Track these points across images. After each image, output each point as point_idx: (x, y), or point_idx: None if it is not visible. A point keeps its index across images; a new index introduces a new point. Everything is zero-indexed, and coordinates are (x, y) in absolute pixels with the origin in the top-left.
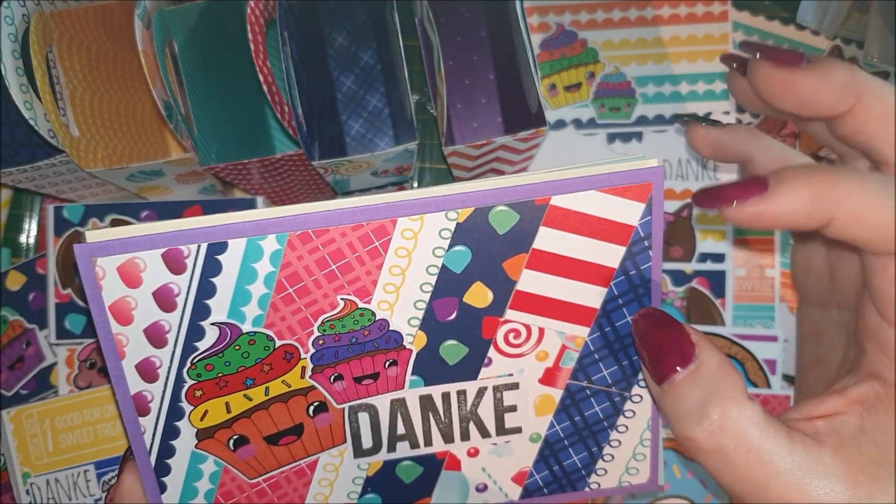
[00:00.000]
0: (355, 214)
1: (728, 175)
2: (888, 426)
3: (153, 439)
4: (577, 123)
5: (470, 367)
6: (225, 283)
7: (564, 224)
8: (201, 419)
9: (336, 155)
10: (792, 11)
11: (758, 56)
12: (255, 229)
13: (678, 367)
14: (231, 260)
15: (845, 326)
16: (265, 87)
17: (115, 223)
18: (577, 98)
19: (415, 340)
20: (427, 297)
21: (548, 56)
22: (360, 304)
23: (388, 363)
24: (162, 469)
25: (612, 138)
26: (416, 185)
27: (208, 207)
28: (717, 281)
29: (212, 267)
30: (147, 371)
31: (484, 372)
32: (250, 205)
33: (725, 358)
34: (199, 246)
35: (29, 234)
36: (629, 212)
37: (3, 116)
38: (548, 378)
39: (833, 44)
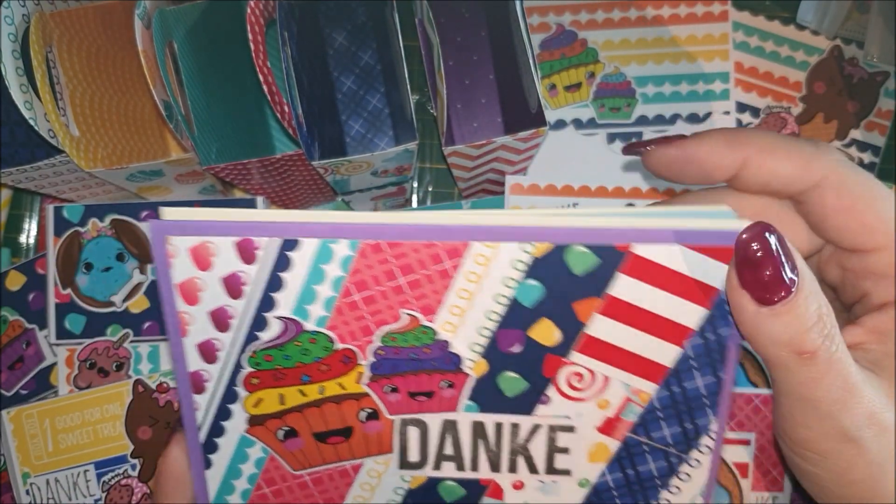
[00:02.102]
0: (431, 232)
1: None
2: None
3: (205, 417)
4: (577, 123)
5: (527, 402)
6: (293, 279)
7: (644, 275)
8: (255, 406)
9: (336, 155)
10: (792, 11)
11: (648, 148)
12: (329, 231)
13: (787, 294)
14: (302, 258)
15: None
16: (265, 87)
17: (114, 224)
18: (577, 98)
19: (475, 367)
20: (493, 325)
21: (548, 56)
22: (424, 322)
23: (444, 384)
24: (209, 446)
25: (612, 138)
26: (416, 184)
27: (208, 208)
28: None
29: (282, 262)
30: (207, 352)
31: (540, 409)
32: (250, 205)
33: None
34: (272, 240)
35: (29, 234)
36: (715, 273)
37: (3, 116)
38: (606, 427)
39: (833, 44)
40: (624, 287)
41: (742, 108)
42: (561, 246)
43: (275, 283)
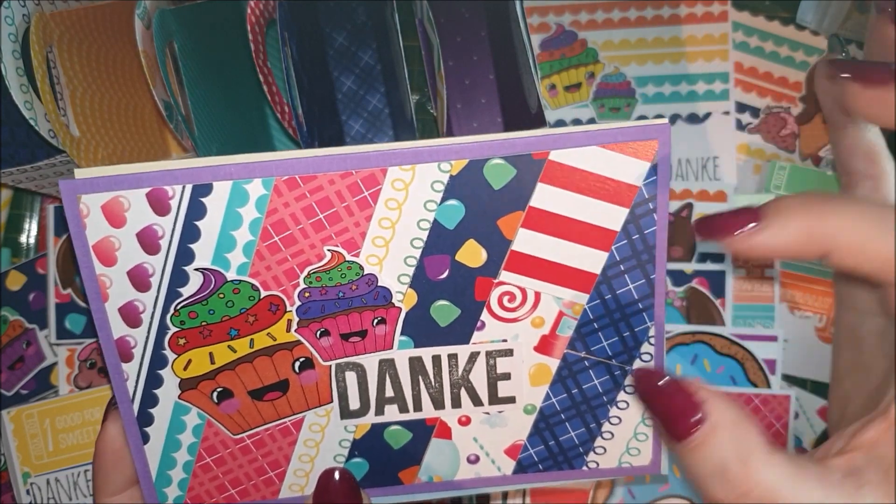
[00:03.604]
0: (345, 161)
1: (729, 177)
2: None
3: (136, 387)
4: (577, 123)
5: (462, 330)
6: (209, 227)
7: (563, 181)
8: (184, 369)
9: None
10: (792, 11)
11: (847, 76)
12: (241, 172)
13: (691, 431)
14: (216, 203)
15: (890, 335)
16: (265, 87)
17: None
18: (576, 98)
19: (405, 299)
20: (418, 253)
21: (548, 56)
22: (348, 257)
23: (376, 321)
24: (145, 418)
25: None
26: None
27: None
28: (716, 281)
29: (196, 209)
30: (130, 315)
31: (476, 336)
32: None
33: (740, 409)
34: (183, 187)
35: (29, 234)
36: (633, 171)
37: (3, 116)
38: (544, 346)
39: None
40: (546, 196)
41: (742, 108)
42: (477, 161)
43: (191, 234)
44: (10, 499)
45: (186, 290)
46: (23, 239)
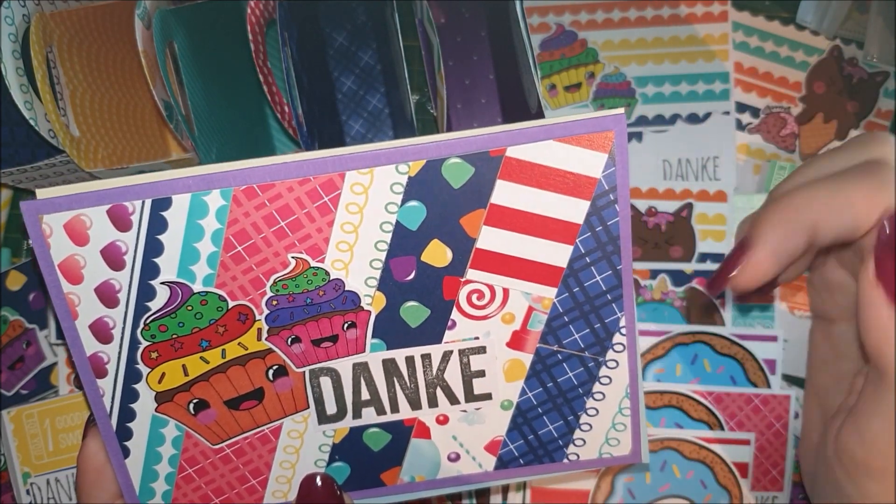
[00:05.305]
0: (301, 168)
1: (729, 177)
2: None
3: (113, 402)
4: None
5: (433, 330)
6: (172, 240)
7: (522, 177)
8: (159, 382)
9: None
10: (792, 11)
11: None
12: (198, 184)
13: None
14: (176, 216)
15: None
16: (265, 87)
17: None
18: (576, 98)
19: (373, 302)
20: (383, 255)
21: (548, 56)
22: (313, 263)
23: (346, 325)
24: (124, 433)
25: None
26: None
27: None
28: None
29: (157, 224)
30: (101, 331)
31: (448, 335)
32: None
33: None
34: (143, 202)
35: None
36: (591, 163)
37: (3, 116)
38: (516, 342)
39: (833, 44)
40: (506, 193)
41: (742, 108)
42: (435, 160)
43: (154, 248)
44: (10, 499)
45: (154, 304)
46: (23, 239)
